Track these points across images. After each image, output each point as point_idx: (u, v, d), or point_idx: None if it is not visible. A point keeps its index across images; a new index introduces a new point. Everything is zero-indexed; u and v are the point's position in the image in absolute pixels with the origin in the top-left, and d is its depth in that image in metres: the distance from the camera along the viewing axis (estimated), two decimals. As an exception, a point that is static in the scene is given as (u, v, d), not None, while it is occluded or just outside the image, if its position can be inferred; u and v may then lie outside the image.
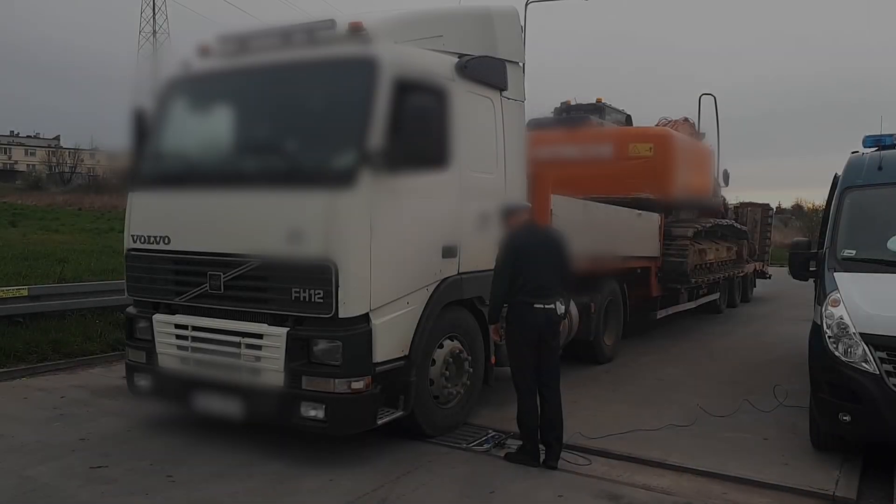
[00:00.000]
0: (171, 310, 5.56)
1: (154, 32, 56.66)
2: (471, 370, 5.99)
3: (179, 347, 5.47)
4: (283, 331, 4.95)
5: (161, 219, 5.62)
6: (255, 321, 5.11)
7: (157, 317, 5.58)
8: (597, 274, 8.52)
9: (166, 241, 5.54)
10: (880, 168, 6.04)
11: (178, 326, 5.46)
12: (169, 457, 5.20)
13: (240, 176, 5.40)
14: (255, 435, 5.48)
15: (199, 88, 6.04)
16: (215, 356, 5.25)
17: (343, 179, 4.83)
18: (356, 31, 5.15)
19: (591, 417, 6.32)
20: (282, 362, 4.95)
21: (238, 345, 5.13)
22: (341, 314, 4.81)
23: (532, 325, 5.13)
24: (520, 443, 5.36)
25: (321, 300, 4.81)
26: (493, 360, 6.32)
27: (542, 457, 5.18)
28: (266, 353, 5.03)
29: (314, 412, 4.90)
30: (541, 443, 5.22)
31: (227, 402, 5.22)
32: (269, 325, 5.03)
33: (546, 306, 5.10)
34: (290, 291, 4.92)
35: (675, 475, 5.08)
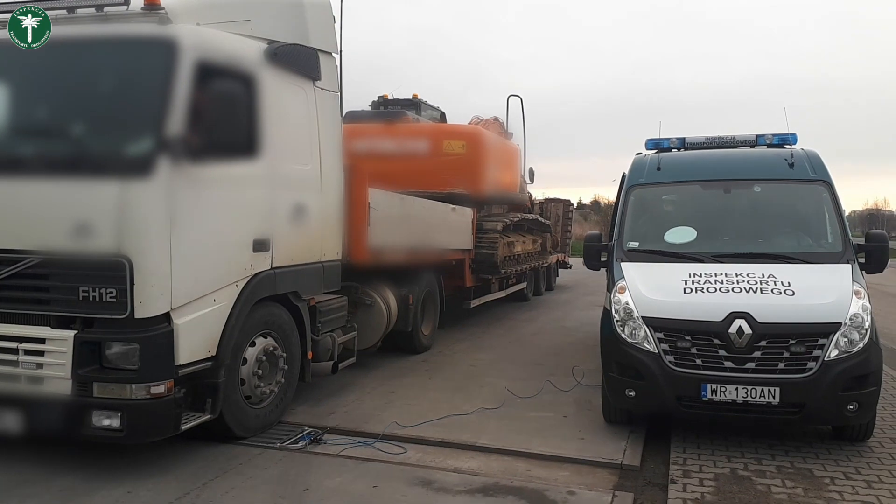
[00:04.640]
0: (-71, 314, 4.82)
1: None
2: (286, 367, 5.84)
3: (-60, 357, 4.77)
4: (70, 334, 4.50)
5: None
6: (35, 324, 4.59)
7: None
8: (414, 266, 8.71)
9: (-78, 234, 4.80)
10: (659, 168, 6.77)
11: (-63, 333, 4.76)
12: (-73, 484, 4.52)
13: (17, 162, 4.80)
14: (42, 449, 4.93)
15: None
16: (-14, 365, 4.64)
17: (138, 168, 4.47)
18: (153, 8, 4.77)
19: (408, 406, 6.46)
20: (69, 369, 4.49)
21: (15, 351, 4.58)
22: (138, 314, 4.46)
23: None
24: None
25: (114, 299, 4.44)
26: (310, 355, 6.22)
27: None
28: (50, 359, 4.54)
29: (108, 421, 4.52)
30: None
31: (2, 416, 4.64)
32: (53, 328, 4.56)
33: None
34: (78, 290, 4.48)
35: (484, 456, 5.33)
